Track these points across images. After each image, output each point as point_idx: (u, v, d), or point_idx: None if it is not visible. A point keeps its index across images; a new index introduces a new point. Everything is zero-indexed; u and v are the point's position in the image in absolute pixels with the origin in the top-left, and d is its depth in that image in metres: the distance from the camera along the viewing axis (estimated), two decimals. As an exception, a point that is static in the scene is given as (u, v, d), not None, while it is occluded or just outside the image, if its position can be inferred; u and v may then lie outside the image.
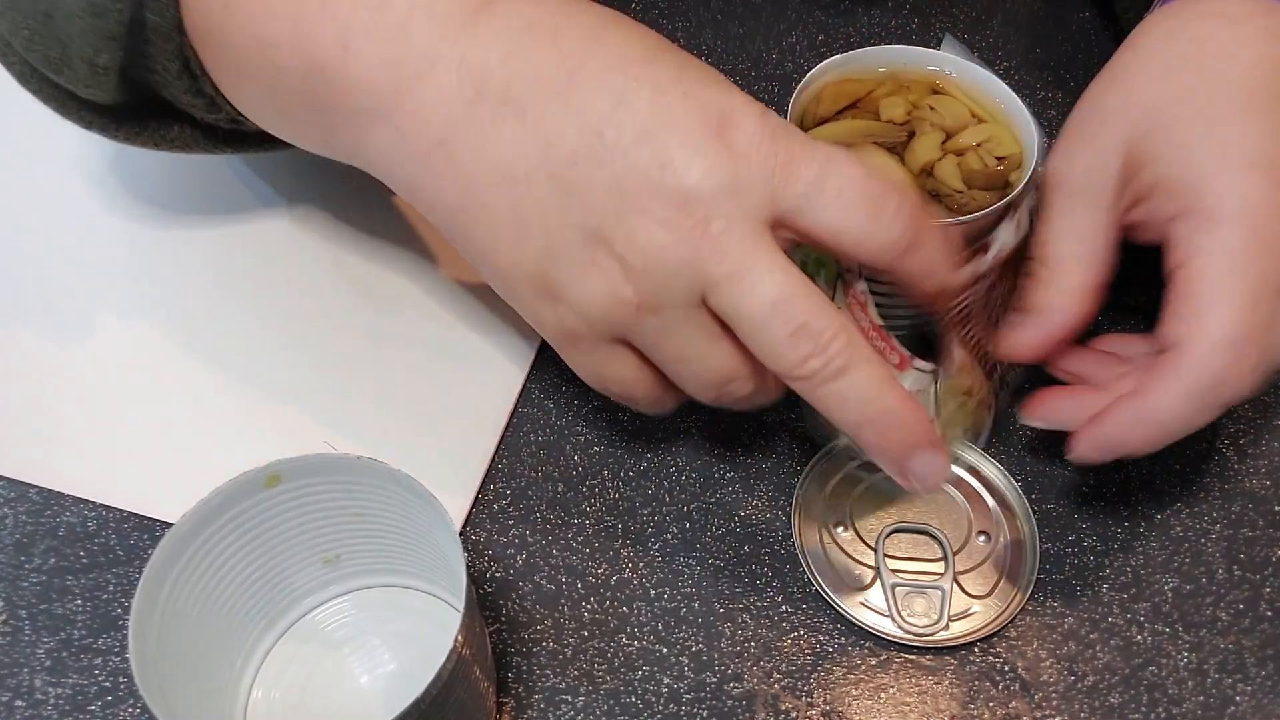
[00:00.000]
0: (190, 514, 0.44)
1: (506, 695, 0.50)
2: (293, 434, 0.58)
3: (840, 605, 0.51)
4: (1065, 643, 0.51)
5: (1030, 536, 0.53)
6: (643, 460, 0.58)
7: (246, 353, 0.62)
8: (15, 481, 0.57)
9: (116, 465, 0.57)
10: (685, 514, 0.56)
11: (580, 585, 0.53)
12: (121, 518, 0.56)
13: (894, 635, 0.50)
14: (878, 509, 0.55)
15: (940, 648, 0.51)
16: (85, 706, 0.50)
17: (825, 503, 0.55)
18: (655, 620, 0.52)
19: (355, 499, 0.47)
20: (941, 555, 0.53)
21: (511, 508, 0.56)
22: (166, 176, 0.70)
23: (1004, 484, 0.55)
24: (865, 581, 0.52)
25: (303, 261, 0.66)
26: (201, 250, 0.66)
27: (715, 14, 0.80)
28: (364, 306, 0.64)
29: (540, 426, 0.59)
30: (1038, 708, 0.49)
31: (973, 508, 0.54)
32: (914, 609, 0.51)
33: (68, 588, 0.54)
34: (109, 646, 0.52)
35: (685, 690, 0.50)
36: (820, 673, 0.50)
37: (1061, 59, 0.77)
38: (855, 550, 0.53)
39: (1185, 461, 0.57)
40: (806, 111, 0.53)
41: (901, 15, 0.79)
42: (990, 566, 0.53)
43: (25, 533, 0.55)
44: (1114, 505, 0.56)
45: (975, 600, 0.52)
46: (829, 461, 0.56)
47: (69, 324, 0.63)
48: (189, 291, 0.65)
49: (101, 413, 0.59)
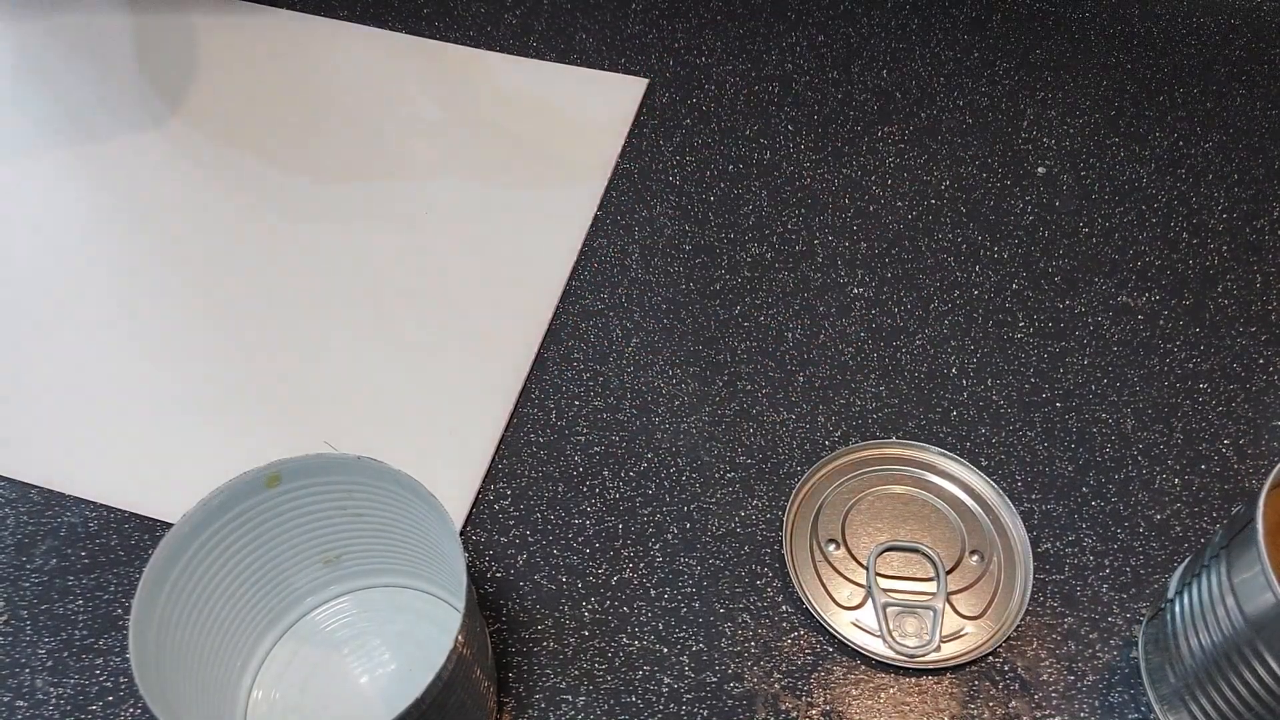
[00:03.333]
0: (190, 514, 0.44)
1: (507, 695, 0.50)
2: (293, 434, 0.58)
3: (831, 625, 0.51)
4: (1065, 643, 0.51)
5: (1024, 558, 0.53)
6: (643, 460, 0.58)
7: (247, 353, 0.62)
8: (16, 482, 0.57)
9: (116, 465, 0.57)
10: (685, 514, 0.56)
11: (580, 585, 0.53)
12: (122, 518, 0.56)
13: (885, 656, 0.50)
14: (871, 527, 0.54)
15: (931, 669, 0.50)
16: (86, 706, 0.50)
17: (818, 520, 0.55)
18: (655, 620, 0.52)
19: (355, 499, 0.47)
20: (934, 575, 0.53)
21: (511, 508, 0.56)
22: (173, 181, 0.70)
23: (998, 502, 0.55)
24: (857, 601, 0.52)
25: (303, 263, 0.66)
26: (202, 252, 0.67)
27: (715, 14, 0.80)
28: (365, 308, 0.64)
29: (540, 426, 0.59)
30: (1038, 708, 0.49)
31: (966, 526, 0.54)
32: (905, 629, 0.51)
33: (69, 588, 0.54)
34: (109, 646, 0.52)
35: (685, 690, 0.50)
36: (820, 673, 0.50)
37: (1061, 59, 0.77)
38: (847, 568, 0.53)
39: (1185, 461, 0.57)
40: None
41: (901, 15, 0.79)
42: (983, 587, 0.52)
43: (26, 533, 0.55)
44: (1114, 505, 0.56)
45: (968, 621, 0.51)
46: (822, 478, 0.56)
47: (69, 325, 0.63)
48: (190, 293, 0.65)
49: (102, 413, 0.59)
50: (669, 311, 0.64)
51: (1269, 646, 0.41)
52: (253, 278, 0.65)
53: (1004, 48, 0.78)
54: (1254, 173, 0.71)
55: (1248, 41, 0.79)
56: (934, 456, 0.57)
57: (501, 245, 0.67)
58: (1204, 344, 0.62)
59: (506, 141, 0.72)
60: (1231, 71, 0.77)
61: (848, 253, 0.67)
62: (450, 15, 0.81)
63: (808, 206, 0.69)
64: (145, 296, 0.64)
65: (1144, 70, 0.77)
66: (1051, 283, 0.65)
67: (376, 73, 0.77)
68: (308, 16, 0.81)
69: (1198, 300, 0.64)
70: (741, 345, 0.62)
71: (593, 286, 0.65)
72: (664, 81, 0.76)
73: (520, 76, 0.76)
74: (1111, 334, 0.62)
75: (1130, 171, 0.71)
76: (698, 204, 0.69)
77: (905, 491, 0.55)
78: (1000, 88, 0.76)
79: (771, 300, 0.64)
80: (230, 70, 0.76)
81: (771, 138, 0.72)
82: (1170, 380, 0.60)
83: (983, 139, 0.73)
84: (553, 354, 0.62)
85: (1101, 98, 0.75)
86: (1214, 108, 0.74)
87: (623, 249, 0.67)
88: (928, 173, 0.71)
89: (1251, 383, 0.60)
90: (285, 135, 0.73)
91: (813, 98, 0.75)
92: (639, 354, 0.62)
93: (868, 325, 0.63)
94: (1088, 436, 0.58)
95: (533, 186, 0.70)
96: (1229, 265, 0.66)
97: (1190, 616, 0.45)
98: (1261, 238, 0.67)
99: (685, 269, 0.66)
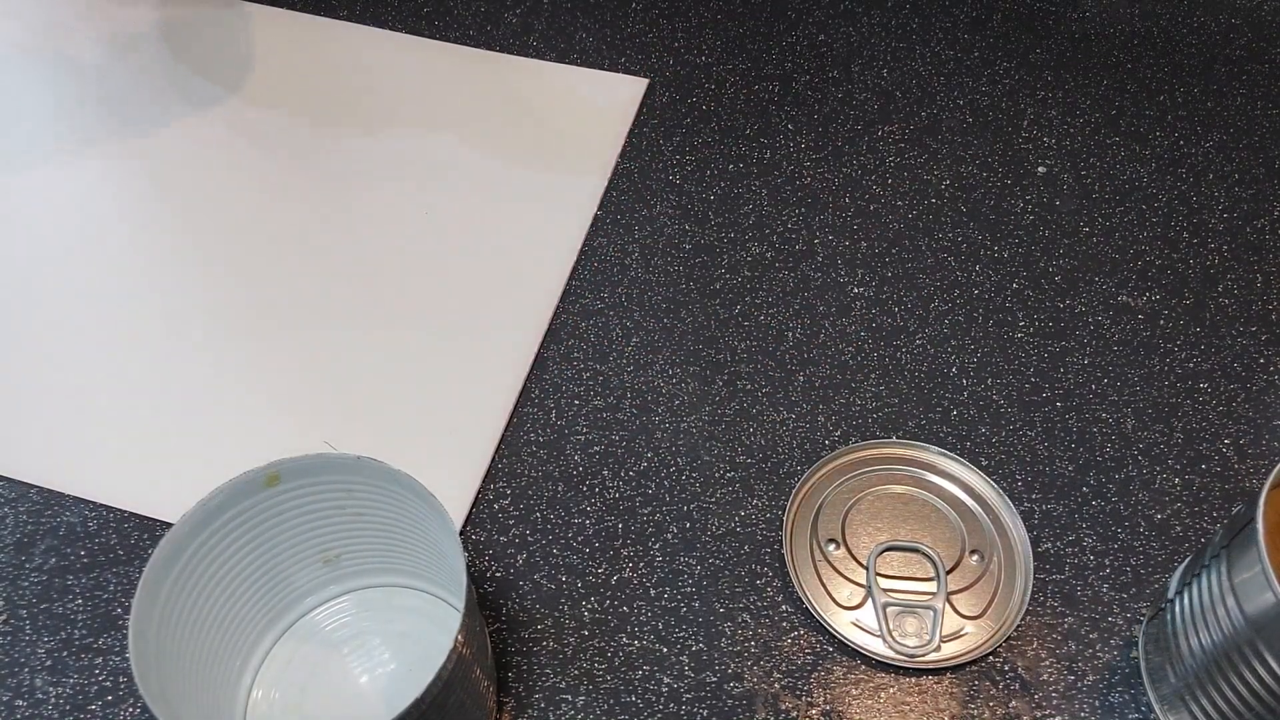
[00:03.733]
0: (190, 514, 0.44)
1: (507, 695, 0.50)
2: (293, 434, 0.58)
3: (831, 625, 0.51)
4: (1065, 643, 0.51)
5: (1024, 558, 0.53)
6: (643, 460, 0.58)
7: (247, 353, 0.62)
8: (16, 482, 0.57)
9: (116, 465, 0.57)
10: (685, 514, 0.56)
11: (580, 585, 0.53)
12: (122, 518, 0.56)
13: (885, 656, 0.50)
14: (870, 527, 0.54)
15: (931, 669, 0.50)
16: (85, 706, 0.50)
17: (818, 520, 0.55)
18: (655, 620, 0.52)
19: (355, 499, 0.47)
20: (934, 574, 0.53)
21: (511, 508, 0.56)
22: (168, 180, 0.70)
23: (998, 502, 0.55)
24: (857, 600, 0.52)
25: (303, 262, 0.66)
26: (203, 253, 0.67)
27: (715, 14, 0.80)
28: (364, 307, 0.64)
29: (540, 426, 0.59)
30: (1038, 708, 0.49)
31: (966, 526, 0.54)
32: (905, 629, 0.51)
33: (68, 587, 0.54)
34: (109, 646, 0.52)
35: (685, 689, 0.50)
36: (820, 672, 0.50)
37: (1061, 59, 0.77)
38: (847, 568, 0.53)
39: (1185, 461, 0.57)
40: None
41: (901, 15, 0.79)
42: (983, 587, 0.52)
43: (26, 532, 0.55)
44: (1114, 505, 0.56)
45: (968, 621, 0.51)
46: (822, 477, 0.56)
47: (69, 324, 0.63)
48: (190, 293, 0.65)
49: (101, 413, 0.59)
50: (669, 311, 0.64)
51: (1269, 646, 0.41)
52: (253, 278, 0.65)
53: (1004, 47, 0.78)
54: (1254, 172, 0.71)
55: (1248, 41, 0.79)
56: (934, 456, 0.57)
57: (501, 244, 0.67)
58: (1204, 344, 0.62)
59: (506, 141, 0.72)
60: (1231, 71, 0.77)
61: (848, 252, 0.67)
62: (450, 15, 0.81)
63: (808, 206, 0.69)
64: (145, 296, 0.64)
65: (1144, 70, 0.77)
66: (1051, 282, 0.65)
67: (375, 73, 0.77)
68: (306, 16, 0.81)
69: (1198, 300, 0.64)
70: (741, 345, 0.62)
71: (593, 286, 0.65)
72: (664, 81, 0.76)
73: (520, 76, 0.76)
74: (1112, 334, 0.62)
75: (1130, 171, 0.71)
76: (698, 203, 0.69)
77: (905, 491, 0.55)
78: (1000, 87, 0.76)
79: (771, 300, 0.64)
80: (227, 70, 0.76)
81: (771, 137, 0.72)
82: (1170, 380, 0.60)
83: (983, 138, 0.73)
84: (552, 354, 0.62)
85: (1101, 97, 0.75)
86: (1214, 107, 0.74)
87: (623, 248, 0.67)
88: (928, 172, 0.71)
89: (1252, 382, 0.60)
90: (283, 138, 0.73)
91: (813, 97, 0.75)
92: (639, 353, 0.62)
93: (868, 325, 0.63)
94: (1088, 436, 0.58)
95: (532, 186, 0.70)
96: (1229, 265, 0.66)
97: (1190, 616, 0.45)
98: (1262, 237, 0.67)
99: (685, 268, 0.66)
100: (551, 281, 0.65)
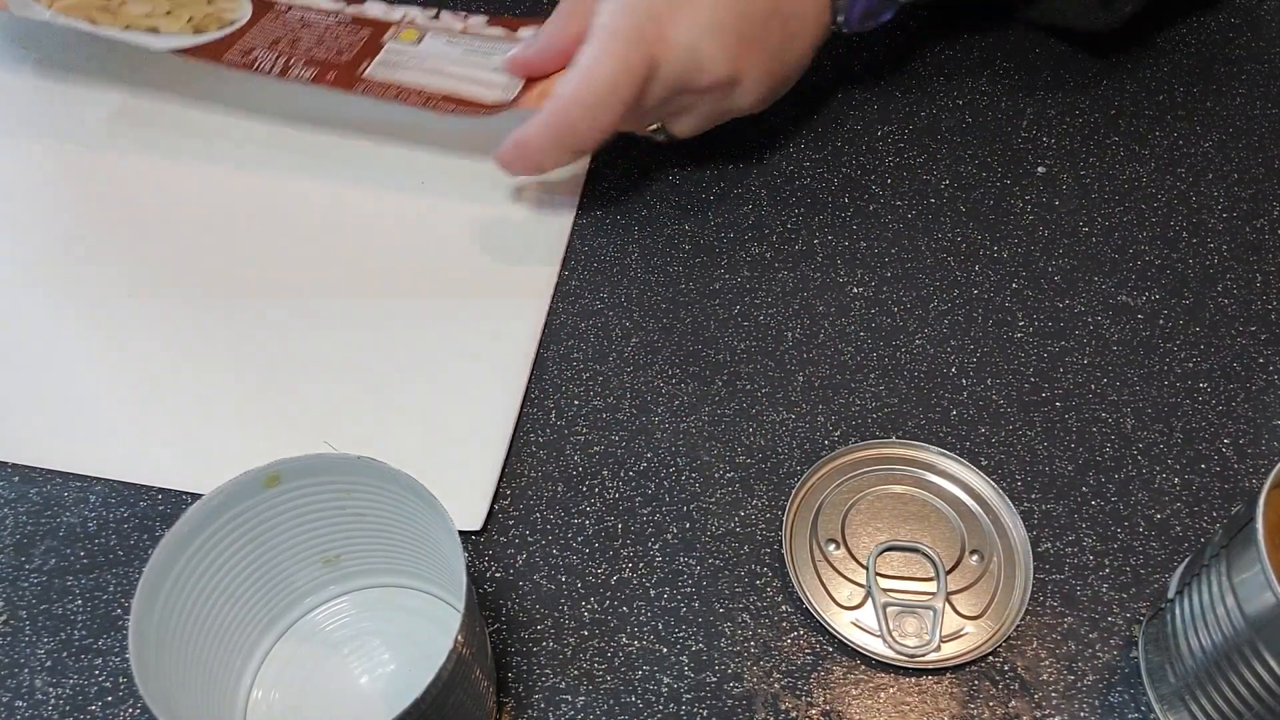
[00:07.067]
0: (190, 514, 0.44)
1: (507, 695, 0.50)
2: (293, 434, 0.58)
3: (831, 625, 0.51)
4: (1065, 643, 0.51)
5: (1024, 557, 0.53)
6: (643, 460, 0.58)
7: (247, 353, 0.62)
8: (16, 482, 0.57)
9: (116, 465, 0.57)
10: (685, 514, 0.56)
11: (580, 585, 0.53)
12: (122, 518, 0.56)
13: (885, 656, 0.50)
14: (870, 527, 0.54)
15: (931, 669, 0.50)
16: (85, 707, 0.50)
17: (818, 520, 0.55)
18: (655, 620, 0.52)
19: (355, 499, 0.47)
20: (934, 574, 0.53)
21: (511, 508, 0.56)
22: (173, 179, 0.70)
23: (998, 502, 0.55)
24: (857, 600, 0.52)
25: (302, 261, 0.66)
26: (202, 253, 0.67)
27: (715, 14, 0.80)
28: (365, 307, 0.64)
29: (540, 426, 0.59)
30: (1038, 707, 0.49)
31: (966, 526, 0.54)
32: (905, 629, 0.51)
33: (68, 588, 0.54)
34: (109, 646, 0.52)
35: (685, 690, 0.50)
36: (820, 672, 0.50)
37: (1061, 58, 0.77)
38: (847, 568, 0.53)
39: (1185, 461, 0.57)
40: None
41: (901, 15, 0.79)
42: (983, 587, 0.52)
43: (25, 533, 0.55)
44: (1114, 505, 0.56)
45: (968, 621, 0.51)
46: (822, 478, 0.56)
47: (68, 324, 0.63)
48: (189, 293, 0.65)
49: (101, 413, 0.59)
50: (668, 311, 0.64)
51: (1269, 646, 0.41)
52: (252, 277, 0.65)
53: (1004, 47, 0.78)
54: (1254, 172, 0.71)
55: (1248, 41, 0.79)
56: (934, 456, 0.57)
57: (500, 244, 0.67)
58: (1204, 343, 0.62)
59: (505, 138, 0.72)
60: (1231, 71, 0.77)
61: (847, 252, 0.67)
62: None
63: (807, 206, 0.69)
64: (144, 296, 0.64)
65: (1144, 70, 0.77)
66: (1051, 282, 0.65)
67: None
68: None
69: (1198, 299, 0.64)
70: (741, 345, 0.62)
71: (592, 286, 0.65)
72: (663, 81, 0.76)
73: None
74: (1111, 333, 0.62)
75: (1130, 171, 0.71)
76: (697, 203, 0.69)
77: (905, 491, 0.56)
78: (1000, 87, 0.76)
79: (771, 300, 0.64)
80: (221, 72, 0.76)
81: (771, 136, 0.72)
82: (1170, 380, 0.60)
83: (982, 138, 0.73)
84: (552, 354, 0.62)
85: (1101, 97, 0.75)
86: (1214, 107, 0.74)
87: (622, 248, 0.67)
88: (927, 172, 0.71)
89: (1252, 382, 0.60)
90: (285, 136, 0.73)
91: (812, 97, 0.75)
92: (638, 354, 0.62)
93: (867, 325, 0.63)
94: (1087, 436, 0.58)
95: (531, 185, 0.70)
96: (1229, 264, 0.66)
97: (1190, 616, 0.45)
98: (1261, 237, 0.67)
99: (684, 268, 0.66)
100: (551, 281, 0.65)
